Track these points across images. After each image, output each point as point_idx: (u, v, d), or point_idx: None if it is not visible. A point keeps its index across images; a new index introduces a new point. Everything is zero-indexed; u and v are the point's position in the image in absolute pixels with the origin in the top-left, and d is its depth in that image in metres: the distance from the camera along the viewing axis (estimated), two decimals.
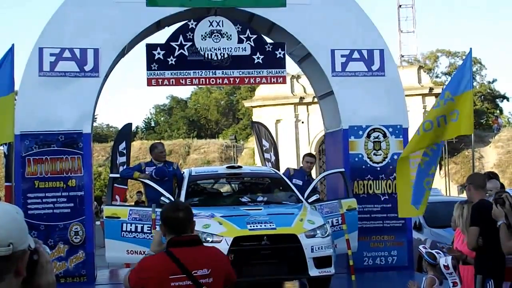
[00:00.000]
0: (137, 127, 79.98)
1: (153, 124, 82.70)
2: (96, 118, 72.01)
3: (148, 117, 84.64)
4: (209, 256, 5.02)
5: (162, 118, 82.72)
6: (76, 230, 12.55)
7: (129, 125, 18.83)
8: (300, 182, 13.09)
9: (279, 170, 14.38)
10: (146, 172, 12.23)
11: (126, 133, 18.05)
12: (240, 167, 13.68)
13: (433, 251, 8.59)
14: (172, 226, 5.00)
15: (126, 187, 17.07)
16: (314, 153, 46.53)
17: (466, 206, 8.16)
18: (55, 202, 12.70)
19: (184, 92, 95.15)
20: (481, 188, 8.00)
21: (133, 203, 26.06)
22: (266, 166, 14.80)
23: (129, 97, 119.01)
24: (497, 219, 7.14)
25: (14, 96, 11.73)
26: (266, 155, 17.66)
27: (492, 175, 11.17)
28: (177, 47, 13.19)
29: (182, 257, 4.86)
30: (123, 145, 17.03)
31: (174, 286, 4.78)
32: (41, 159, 12.67)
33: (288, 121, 48.42)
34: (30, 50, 12.88)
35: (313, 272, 10.25)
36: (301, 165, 14.08)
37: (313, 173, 13.78)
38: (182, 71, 13.20)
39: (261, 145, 18.03)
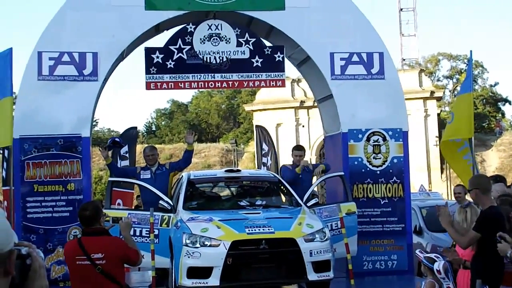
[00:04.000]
0: (138, 131, 79.99)
1: (154, 128, 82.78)
2: (97, 122, 72.14)
3: (149, 121, 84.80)
4: (105, 244, 6.92)
5: (163, 122, 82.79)
6: (75, 233, 12.50)
7: (133, 129, 18.59)
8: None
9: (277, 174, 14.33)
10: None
11: (130, 137, 17.78)
12: (239, 170, 13.63)
13: (432, 255, 8.56)
14: (82, 220, 7.09)
15: (131, 191, 16.89)
16: (315, 157, 46.61)
17: (469, 209, 8.09)
18: (54, 206, 12.67)
19: (185, 96, 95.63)
20: (488, 191, 7.73)
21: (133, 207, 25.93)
22: (262, 169, 14.82)
23: (130, 101, 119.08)
24: (502, 253, 6.94)
25: (13, 100, 11.72)
26: (264, 159, 17.71)
27: (499, 179, 11.12)
28: (175, 51, 13.16)
29: (86, 244, 6.87)
30: (125, 148, 16.79)
31: (78, 264, 6.86)
32: (40, 162, 12.64)
33: (289, 125, 48.47)
34: (29, 54, 12.87)
35: (312, 276, 10.19)
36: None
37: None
38: (181, 75, 13.17)
39: (261, 149, 18.07)
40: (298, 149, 13.76)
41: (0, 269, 2.13)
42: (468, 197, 10.98)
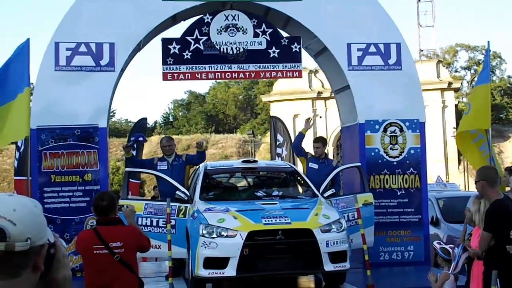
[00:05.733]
0: (155, 122, 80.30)
1: (171, 119, 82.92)
2: (114, 113, 72.37)
3: (167, 112, 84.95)
4: (123, 233, 7.02)
5: (180, 113, 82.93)
6: (92, 224, 12.52)
7: (144, 120, 18.79)
8: (315, 166, 13.10)
9: (294, 165, 14.35)
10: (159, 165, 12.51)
11: (140, 127, 18.03)
12: (255, 161, 13.63)
13: (447, 246, 8.53)
14: (98, 210, 7.12)
15: (138, 181, 17.08)
16: (332, 147, 46.57)
17: (483, 201, 8.00)
18: (71, 196, 12.74)
19: (202, 87, 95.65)
20: (495, 184, 7.60)
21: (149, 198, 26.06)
22: (277, 160, 14.90)
23: (147, 92, 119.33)
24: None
25: (30, 91, 11.76)
26: (278, 150, 17.71)
27: None
28: (192, 42, 13.16)
29: (103, 233, 6.91)
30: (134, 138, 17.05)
31: (95, 254, 6.87)
32: (57, 153, 12.70)
33: (306, 115, 47.99)
34: (46, 45, 12.91)
35: (328, 267, 10.19)
36: None
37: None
38: (197, 66, 13.18)
39: (275, 139, 18.07)
40: (315, 141, 13.82)
41: (29, 263, 2.13)
42: None
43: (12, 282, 2.08)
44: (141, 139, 13.64)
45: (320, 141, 13.79)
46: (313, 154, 13.46)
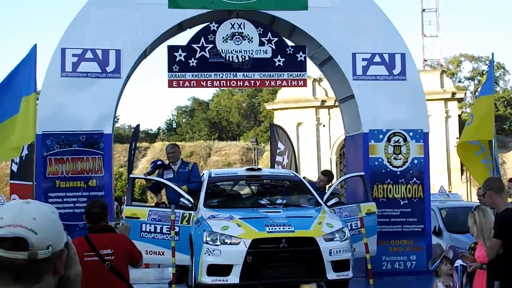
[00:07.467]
0: (159, 129, 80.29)
1: (174, 126, 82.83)
2: (118, 119, 72.28)
3: (170, 119, 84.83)
4: (114, 241, 7.02)
5: (184, 120, 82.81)
6: None
7: (137, 126, 19.08)
8: None
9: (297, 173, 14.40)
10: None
11: (136, 134, 18.28)
12: (259, 169, 13.67)
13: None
14: (90, 218, 7.11)
15: None
16: (335, 156, 46.56)
17: (476, 212, 7.94)
18: (75, 201, 12.77)
19: (206, 94, 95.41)
20: (502, 192, 7.62)
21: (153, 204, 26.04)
22: (276, 168, 14.96)
23: (151, 98, 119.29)
24: None
25: (36, 96, 11.81)
26: (278, 158, 17.63)
27: None
28: (198, 49, 13.22)
29: (94, 240, 6.90)
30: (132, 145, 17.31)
31: (87, 261, 6.64)
32: (62, 158, 12.75)
33: (310, 124, 48.29)
34: (53, 51, 12.98)
35: (331, 275, 10.23)
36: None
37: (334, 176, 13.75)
38: (203, 73, 13.24)
39: (276, 147, 18.01)
40: (323, 174, 13.96)
41: (50, 268, 2.18)
42: None
43: (34, 287, 2.13)
44: (159, 163, 13.60)
45: (327, 175, 13.84)
46: (313, 181, 13.58)
